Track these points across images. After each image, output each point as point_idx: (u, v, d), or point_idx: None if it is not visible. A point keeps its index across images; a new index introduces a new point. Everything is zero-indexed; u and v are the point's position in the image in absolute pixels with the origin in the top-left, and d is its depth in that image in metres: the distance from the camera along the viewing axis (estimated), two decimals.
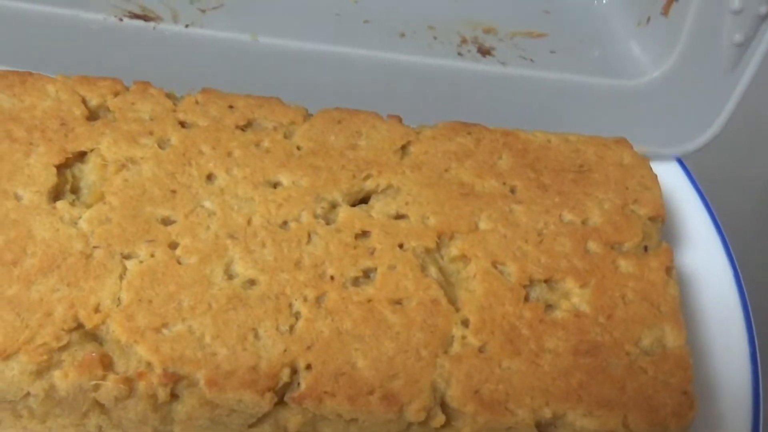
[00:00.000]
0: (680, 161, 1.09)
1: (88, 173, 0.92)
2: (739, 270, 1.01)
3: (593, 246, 0.91)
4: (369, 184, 0.94)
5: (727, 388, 0.92)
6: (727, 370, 0.94)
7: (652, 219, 0.94)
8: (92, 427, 0.82)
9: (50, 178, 0.89)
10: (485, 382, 0.81)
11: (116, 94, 0.98)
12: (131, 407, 0.79)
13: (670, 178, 1.07)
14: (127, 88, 0.99)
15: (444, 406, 0.81)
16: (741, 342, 0.96)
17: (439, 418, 0.80)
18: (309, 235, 0.89)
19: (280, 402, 0.80)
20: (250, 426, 0.81)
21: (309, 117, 1.00)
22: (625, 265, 0.90)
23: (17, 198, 0.88)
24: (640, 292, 0.88)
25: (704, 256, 1.03)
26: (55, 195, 0.89)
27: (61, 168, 0.91)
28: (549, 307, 0.87)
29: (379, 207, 0.92)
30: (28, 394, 0.78)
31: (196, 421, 0.80)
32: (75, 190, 0.91)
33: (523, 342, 0.84)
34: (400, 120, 1.01)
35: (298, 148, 0.96)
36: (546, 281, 0.89)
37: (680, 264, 1.02)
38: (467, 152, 0.98)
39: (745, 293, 0.99)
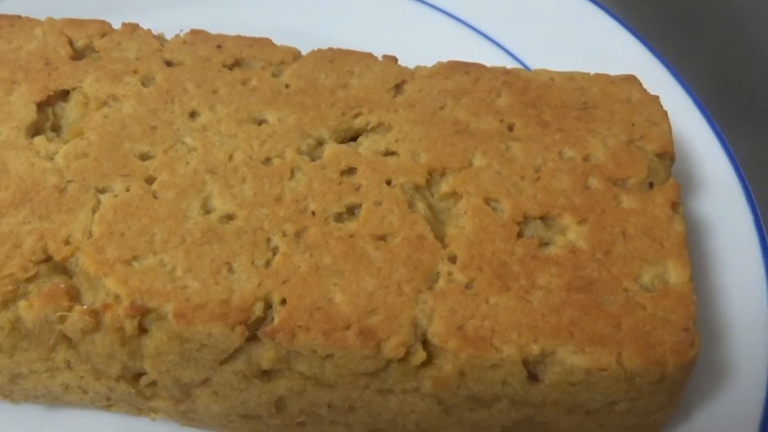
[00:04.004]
0: (698, 103, 1.02)
1: (70, 111, 0.90)
2: (760, 215, 0.94)
3: (594, 182, 0.85)
4: (359, 122, 0.90)
5: (742, 335, 0.86)
6: (744, 317, 0.87)
7: (659, 155, 0.88)
8: (60, 362, 0.79)
9: (30, 114, 0.87)
10: (470, 318, 0.76)
11: (103, 35, 0.96)
12: (98, 341, 0.76)
13: (688, 119, 1.01)
14: (114, 30, 0.97)
15: (426, 343, 0.75)
16: (760, 288, 0.89)
17: (420, 355, 0.75)
18: (292, 171, 0.85)
19: (253, 338, 0.76)
20: (222, 362, 0.77)
21: (300, 57, 0.96)
22: (627, 200, 0.84)
23: None
24: (641, 227, 0.81)
25: (723, 201, 0.96)
26: (35, 131, 0.87)
27: (42, 105, 0.89)
28: (544, 244, 0.81)
29: (367, 144, 0.88)
30: None
31: (165, 357, 0.76)
32: (56, 128, 0.89)
33: (513, 278, 0.78)
34: (395, 60, 0.97)
35: (287, 86, 0.92)
36: (541, 218, 0.83)
37: (697, 209, 0.96)
38: (464, 90, 0.93)
39: (766, 239, 0.92)
